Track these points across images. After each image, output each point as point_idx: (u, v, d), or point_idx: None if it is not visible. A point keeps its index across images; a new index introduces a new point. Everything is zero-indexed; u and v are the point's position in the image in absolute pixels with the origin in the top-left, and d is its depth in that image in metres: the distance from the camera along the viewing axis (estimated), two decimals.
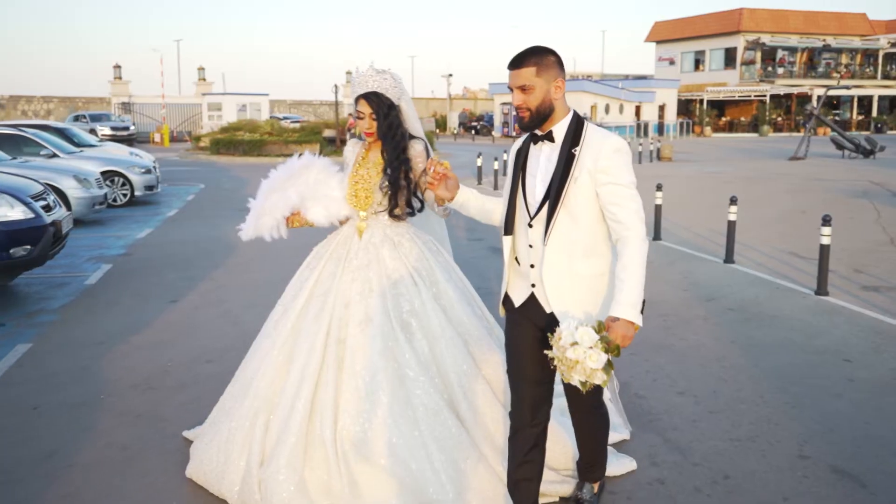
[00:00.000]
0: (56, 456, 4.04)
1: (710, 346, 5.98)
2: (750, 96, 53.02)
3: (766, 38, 53.44)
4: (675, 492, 3.70)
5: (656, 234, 10.80)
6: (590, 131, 2.86)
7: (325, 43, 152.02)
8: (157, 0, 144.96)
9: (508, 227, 3.03)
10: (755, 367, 5.47)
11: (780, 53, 55.19)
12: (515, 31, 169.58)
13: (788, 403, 4.78)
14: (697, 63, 57.77)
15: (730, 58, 55.08)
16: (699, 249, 10.15)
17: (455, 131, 48.93)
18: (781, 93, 52.50)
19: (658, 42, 60.40)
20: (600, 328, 2.64)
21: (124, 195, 14.85)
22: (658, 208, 10.99)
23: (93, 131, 31.17)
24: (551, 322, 2.87)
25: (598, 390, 2.98)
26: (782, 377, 5.25)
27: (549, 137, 2.89)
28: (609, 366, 2.58)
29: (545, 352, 2.73)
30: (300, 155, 3.91)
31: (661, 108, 51.44)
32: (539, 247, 2.91)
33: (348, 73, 48.80)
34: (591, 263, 2.89)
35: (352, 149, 3.85)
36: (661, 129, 50.06)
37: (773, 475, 3.86)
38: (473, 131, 50.34)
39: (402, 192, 3.64)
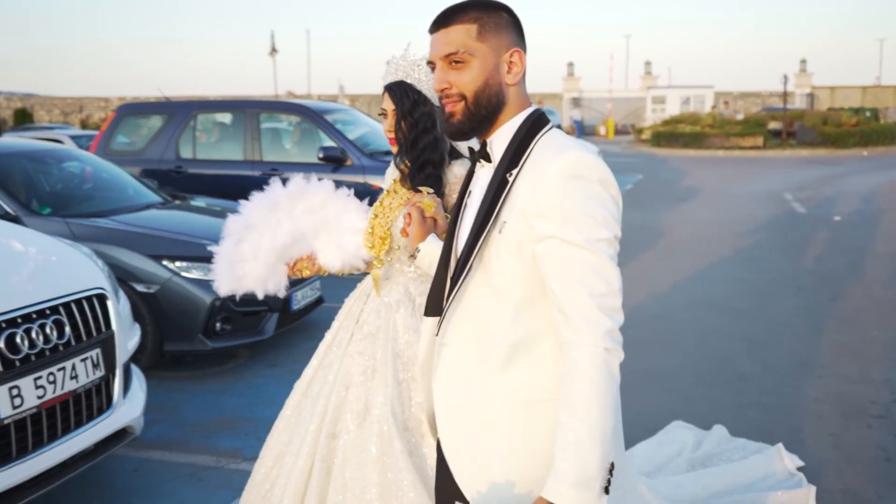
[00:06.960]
0: None
1: None
2: None
3: None
4: None
5: None
6: (542, 143, 1.66)
7: (771, 32, 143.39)
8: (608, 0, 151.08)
9: (432, 303, 1.80)
10: None
11: None
12: None
13: None
14: None
15: None
16: None
17: None
18: None
19: None
20: None
21: None
22: None
23: None
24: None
25: None
26: None
27: (484, 154, 1.75)
28: None
29: None
30: (310, 179, 2.86)
31: None
32: (431, 336, 1.79)
33: (802, 61, 45.83)
34: (521, 377, 1.63)
35: (391, 172, 2.83)
36: None
37: None
38: None
39: None
